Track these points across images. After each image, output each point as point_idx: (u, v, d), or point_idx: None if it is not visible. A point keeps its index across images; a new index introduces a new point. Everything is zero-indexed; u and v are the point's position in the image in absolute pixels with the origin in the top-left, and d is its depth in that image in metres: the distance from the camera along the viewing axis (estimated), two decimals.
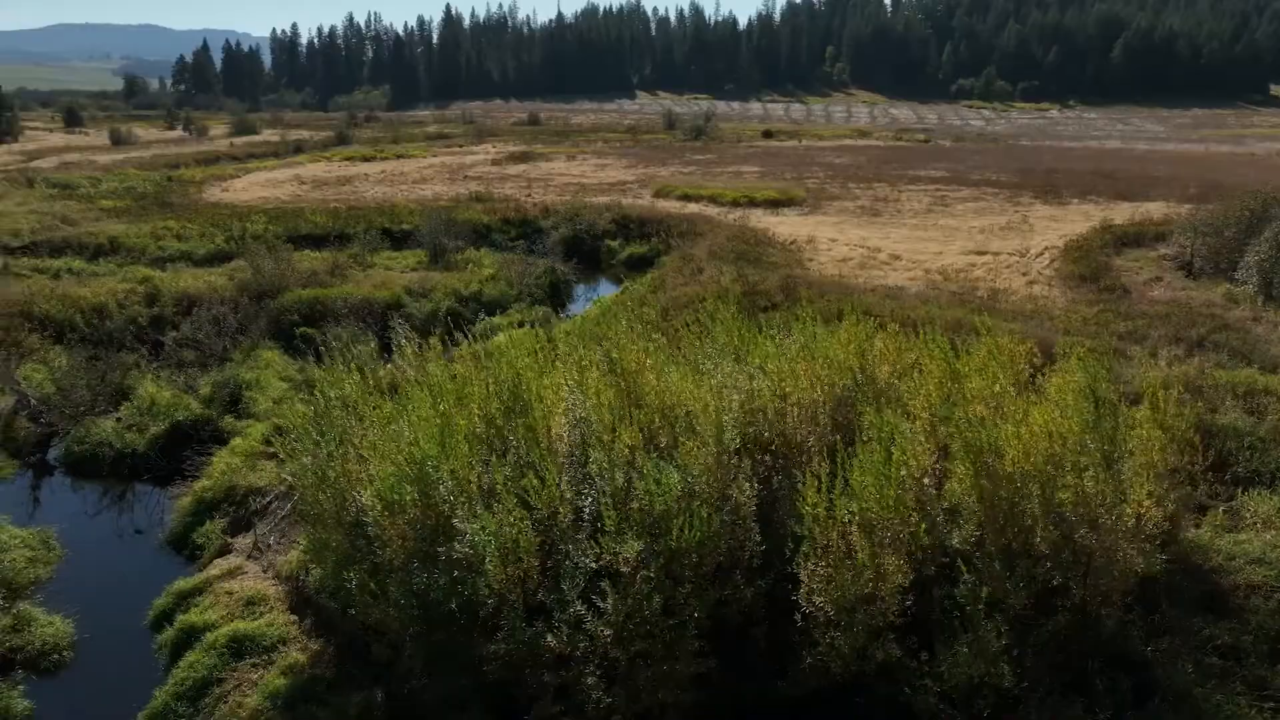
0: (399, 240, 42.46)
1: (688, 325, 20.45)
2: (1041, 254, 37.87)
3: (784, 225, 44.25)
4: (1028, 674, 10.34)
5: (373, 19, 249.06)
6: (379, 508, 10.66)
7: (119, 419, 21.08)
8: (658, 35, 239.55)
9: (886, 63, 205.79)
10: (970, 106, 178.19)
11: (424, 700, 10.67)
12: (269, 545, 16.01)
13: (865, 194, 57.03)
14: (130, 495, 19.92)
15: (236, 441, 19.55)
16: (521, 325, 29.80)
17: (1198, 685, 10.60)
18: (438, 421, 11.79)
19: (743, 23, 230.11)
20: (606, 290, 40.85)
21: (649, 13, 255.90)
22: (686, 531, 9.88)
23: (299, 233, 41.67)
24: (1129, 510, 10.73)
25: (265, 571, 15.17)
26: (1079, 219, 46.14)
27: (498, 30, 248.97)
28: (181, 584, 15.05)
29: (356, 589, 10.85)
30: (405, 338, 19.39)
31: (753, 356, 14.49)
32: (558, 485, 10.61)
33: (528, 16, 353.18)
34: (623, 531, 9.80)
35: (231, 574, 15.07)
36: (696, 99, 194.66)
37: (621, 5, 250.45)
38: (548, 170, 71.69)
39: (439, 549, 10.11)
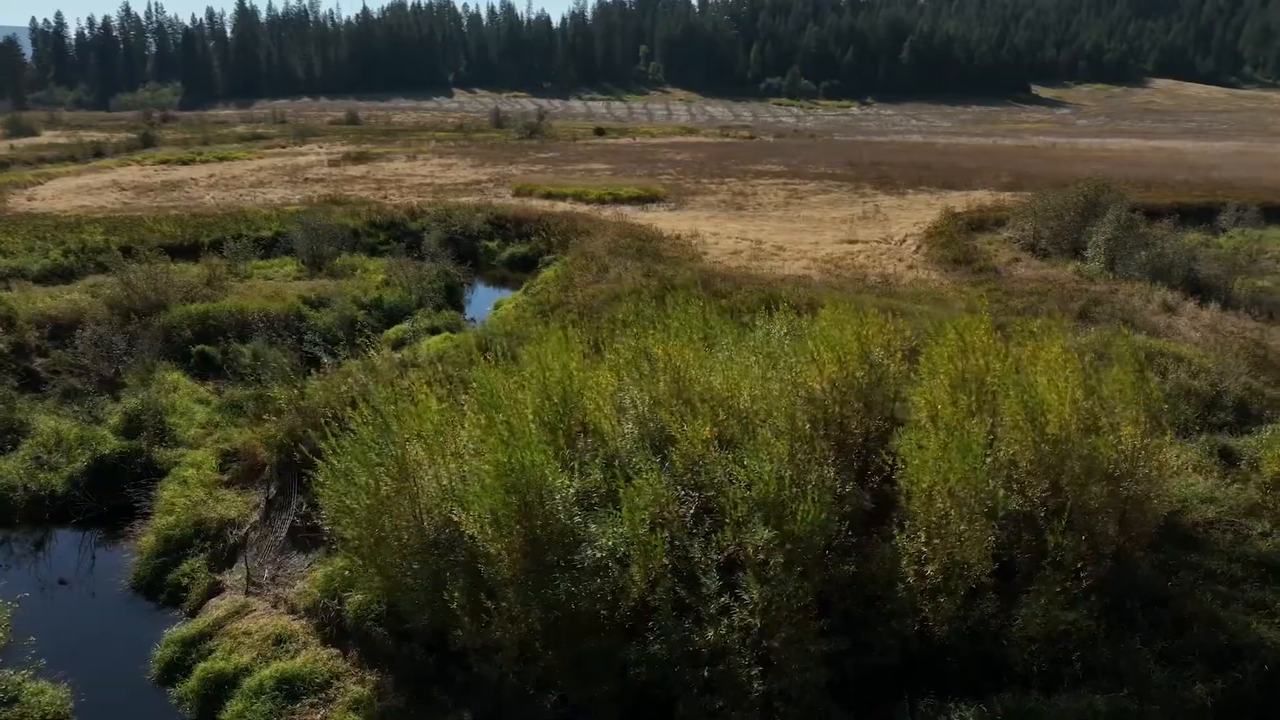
0: (266, 248, 39.79)
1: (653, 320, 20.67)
2: (905, 240, 40.86)
3: (662, 221, 45.12)
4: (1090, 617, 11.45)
5: (154, 10, 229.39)
6: (486, 522, 10.25)
7: (37, 458, 18.61)
8: (470, 32, 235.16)
9: (698, 62, 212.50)
10: (779, 104, 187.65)
11: (540, 713, 10.39)
12: (266, 579, 14.84)
13: (721, 189, 59.04)
14: (52, 541, 17.74)
15: (189, 472, 17.85)
16: (435, 331, 28.95)
17: (1221, 610, 12.12)
18: (504, 430, 11.44)
19: (556, 21, 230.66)
20: (486, 292, 40.23)
21: (459, 8, 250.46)
22: (806, 515, 10.21)
23: (147, 244, 38.00)
24: (1155, 461, 12.12)
25: (276, 607, 14.08)
26: (922, 207, 50.05)
27: (298, 25, 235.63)
28: (182, 630, 13.71)
29: (461, 609, 10.37)
30: (375, 349, 18.54)
31: (763, 346, 14.99)
32: (663, 484, 10.64)
33: (330, 11, 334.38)
34: (750, 520, 10.00)
35: (239, 613, 13.87)
36: (516, 97, 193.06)
37: (431, 1, 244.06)
38: (393, 171, 69.08)
39: (573, 556, 9.88)
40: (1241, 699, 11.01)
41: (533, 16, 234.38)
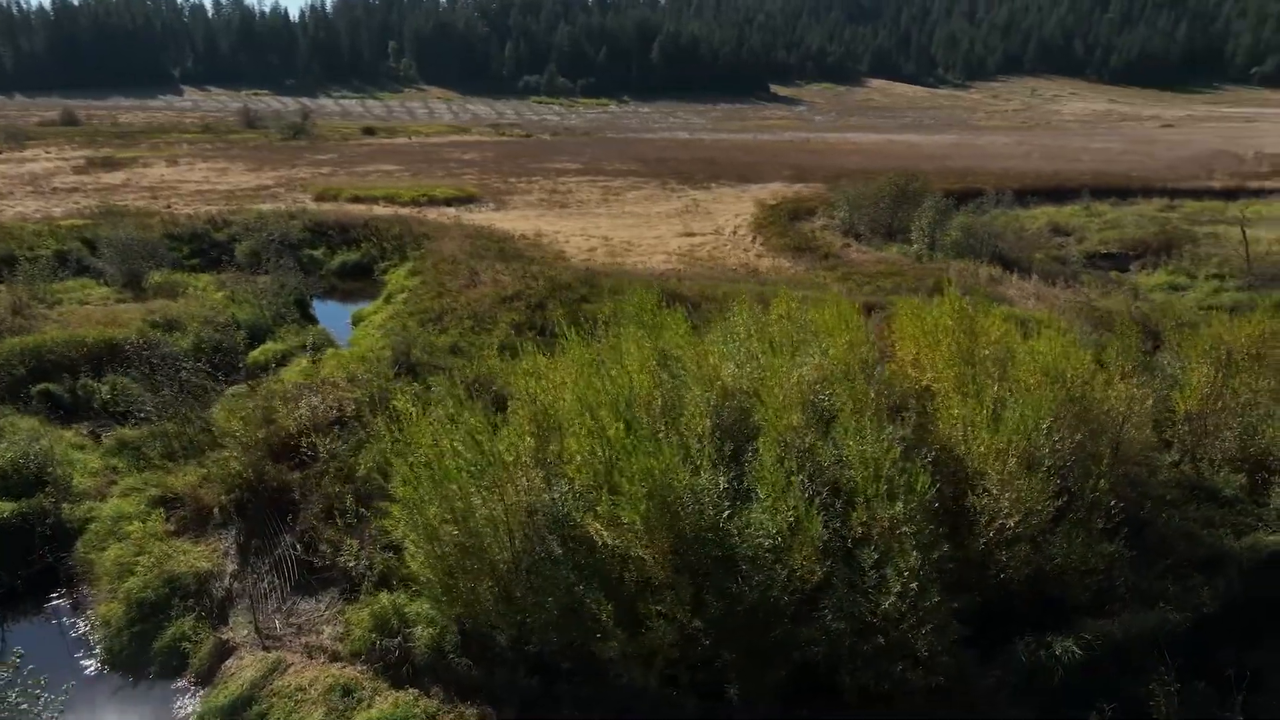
0: (50, 268, 34.64)
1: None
2: (736, 231, 43.14)
3: (496, 221, 44.36)
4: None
5: None
6: (638, 529, 10.09)
7: None
8: (195, 24, 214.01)
9: (452, 59, 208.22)
10: (540, 102, 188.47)
11: (680, 716, 10.43)
12: (284, 630, 13.42)
13: (533, 188, 58.86)
14: None
15: (132, 526, 15.48)
16: (316, 349, 26.88)
17: (1194, 526, 14.44)
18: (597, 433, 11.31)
19: (294, 14, 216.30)
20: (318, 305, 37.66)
21: None
22: (924, 485, 11.03)
23: None
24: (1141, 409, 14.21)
25: (313, 657, 12.79)
26: (733, 200, 52.94)
27: None
28: (215, 700, 12.14)
29: (609, 619, 10.14)
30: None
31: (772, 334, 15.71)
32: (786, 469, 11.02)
33: None
34: (891, 495, 10.66)
35: (275, 670, 12.47)
36: (258, 95, 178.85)
37: None
38: (158, 177, 62.17)
39: (725, 551, 9.97)
40: (1232, 597, 13.26)
41: (266, 9, 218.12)
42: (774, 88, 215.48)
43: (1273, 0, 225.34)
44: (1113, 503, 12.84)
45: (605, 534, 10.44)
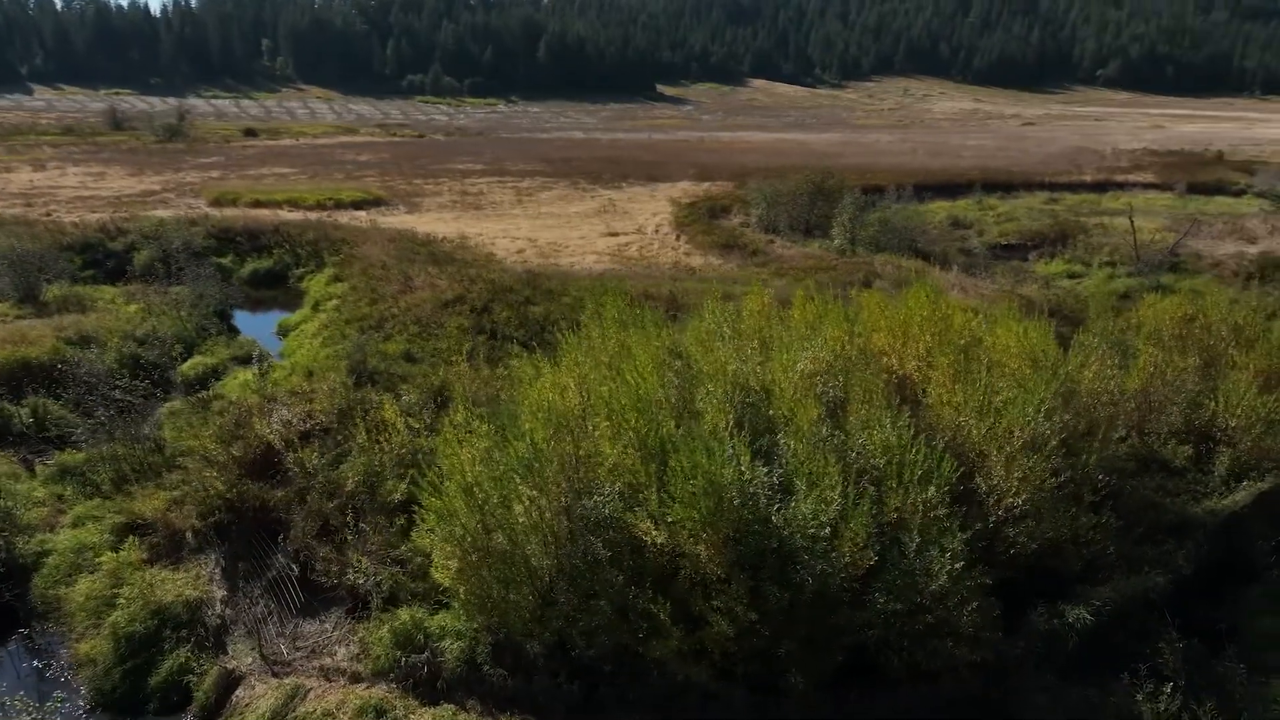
0: None
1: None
2: (659, 230, 43.48)
3: (419, 224, 43.26)
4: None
5: None
6: (694, 526, 10.13)
7: None
8: (43, 18, 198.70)
9: (331, 58, 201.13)
10: (427, 102, 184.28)
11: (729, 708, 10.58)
12: (294, 655, 12.81)
13: (441, 189, 57.66)
14: None
15: (104, 557, 14.39)
16: (261, 360, 25.63)
17: (1155, 497, 15.56)
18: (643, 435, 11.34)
19: (156, 8, 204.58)
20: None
21: None
22: (950, 469, 11.52)
23: None
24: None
25: (332, 679, 12.27)
26: (647, 200, 53.31)
27: None
28: None
29: (667, 618, 10.17)
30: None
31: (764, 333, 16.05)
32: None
33: None
34: (923, 480, 11.07)
35: (295, 697, 11.90)
36: (120, 94, 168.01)
37: None
38: (27, 183, 57.73)
39: (777, 543, 10.14)
40: (1201, 559, 14.38)
41: (124, 2, 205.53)
42: (660, 87, 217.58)
43: (1113, 9, 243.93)
44: (1100, 477, 13.73)
45: (655, 533, 10.46)
